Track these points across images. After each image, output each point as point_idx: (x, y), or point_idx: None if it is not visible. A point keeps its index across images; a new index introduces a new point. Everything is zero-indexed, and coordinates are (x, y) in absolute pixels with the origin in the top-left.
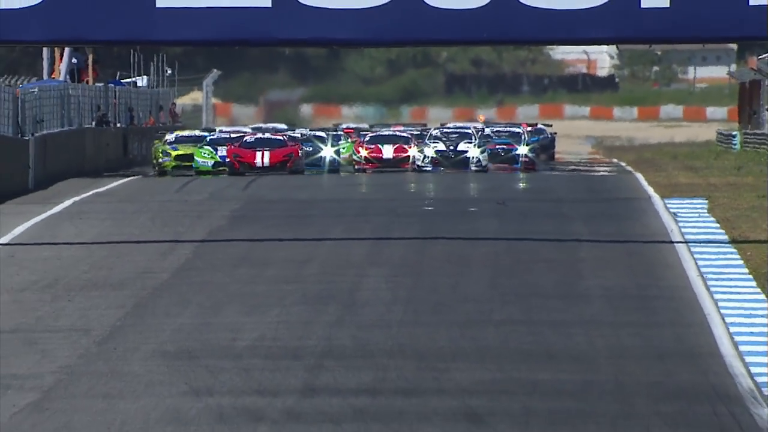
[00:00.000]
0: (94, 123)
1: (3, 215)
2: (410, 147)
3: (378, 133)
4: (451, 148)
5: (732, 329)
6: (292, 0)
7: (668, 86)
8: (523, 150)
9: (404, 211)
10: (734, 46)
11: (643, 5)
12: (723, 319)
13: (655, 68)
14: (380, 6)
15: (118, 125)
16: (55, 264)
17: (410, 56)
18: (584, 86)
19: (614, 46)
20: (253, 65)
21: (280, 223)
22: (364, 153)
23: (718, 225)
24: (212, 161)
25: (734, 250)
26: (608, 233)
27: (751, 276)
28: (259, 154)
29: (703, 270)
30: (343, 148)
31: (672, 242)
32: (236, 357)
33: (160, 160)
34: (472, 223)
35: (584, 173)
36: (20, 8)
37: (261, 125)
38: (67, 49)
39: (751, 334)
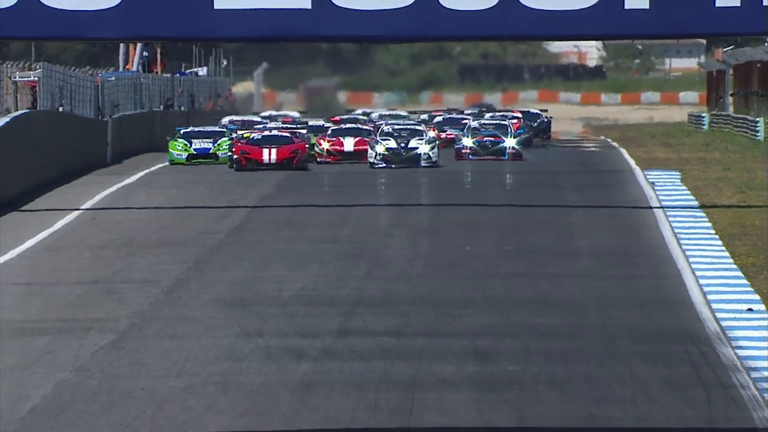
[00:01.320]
0: (162, 107)
1: (86, 185)
2: (371, 139)
3: (341, 126)
4: (402, 145)
5: (701, 281)
6: (329, 3)
7: (647, 75)
8: (510, 142)
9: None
10: (703, 41)
11: (626, 6)
12: (693, 273)
13: (636, 60)
14: (403, 7)
15: (182, 109)
16: (129, 226)
17: (429, 50)
18: (576, 75)
19: (601, 41)
20: (295, 58)
21: (318, 192)
22: (326, 146)
23: (689, 193)
24: (186, 153)
25: (703, 214)
26: (596, 200)
27: (717, 236)
28: (266, 151)
29: (676, 231)
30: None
31: (650, 207)
32: (282, 305)
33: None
34: (481, 193)
35: (576, 149)
36: (99, 10)
37: (272, 112)
38: (139, 45)
39: (718, 285)
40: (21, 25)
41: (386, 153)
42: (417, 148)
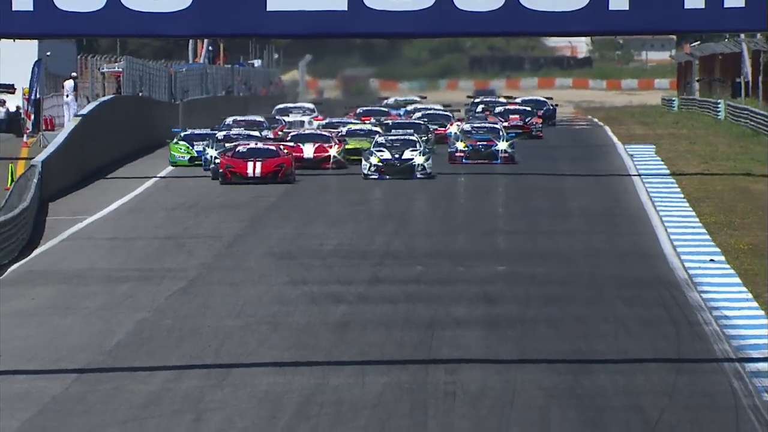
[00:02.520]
0: (224, 92)
1: (160, 157)
2: (331, 146)
3: (300, 132)
4: (396, 156)
5: (672, 236)
6: (362, 5)
7: (627, 65)
8: (502, 146)
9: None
10: (674, 37)
11: (610, 8)
12: (665, 229)
13: (618, 52)
14: (424, 9)
15: (240, 95)
16: (196, 191)
17: (445, 44)
18: (568, 65)
19: (589, 37)
20: (333, 51)
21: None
22: (284, 152)
23: (662, 163)
24: (188, 156)
25: (673, 181)
26: (585, 169)
27: (685, 199)
28: (251, 165)
29: (651, 194)
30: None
31: (630, 175)
32: (323, 257)
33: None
34: (489, 166)
35: (569, 127)
36: (173, 11)
37: (289, 105)
38: (205, 41)
39: (685, 240)
40: (108, 25)
41: (380, 164)
42: (412, 159)
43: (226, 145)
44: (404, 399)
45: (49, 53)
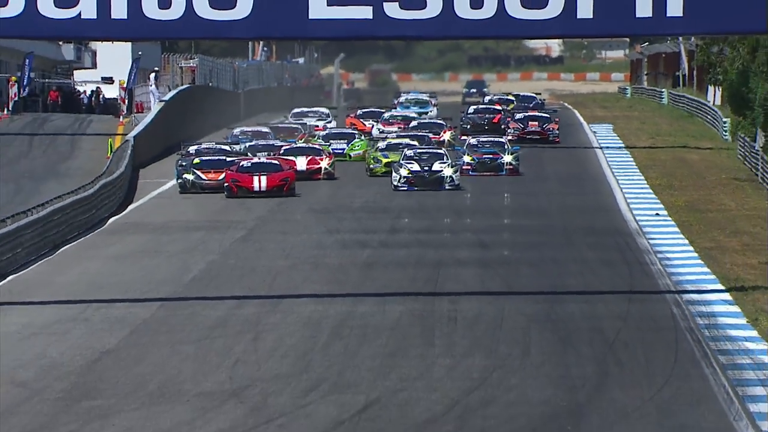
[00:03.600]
0: (276, 84)
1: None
2: (322, 159)
3: (292, 146)
4: (426, 168)
5: (626, 195)
6: (384, 13)
7: (590, 62)
8: (507, 158)
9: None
10: (627, 39)
11: (578, 17)
12: (621, 190)
13: (584, 51)
14: (432, 17)
15: (288, 85)
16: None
17: (448, 45)
18: (544, 62)
19: (561, 39)
20: (362, 49)
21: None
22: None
23: (618, 138)
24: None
25: (627, 152)
26: (558, 143)
27: (636, 167)
28: (256, 179)
29: (610, 163)
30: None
31: (593, 148)
32: (353, 212)
33: (372, 165)
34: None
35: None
36: (235, 19)
37: (304, 109)
38: (260, 42)
39: (636, 198)
40: (188, 30)
41: (410, 176)
42: (440, 171)
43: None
44: (416, 323)
45: (140, 53)
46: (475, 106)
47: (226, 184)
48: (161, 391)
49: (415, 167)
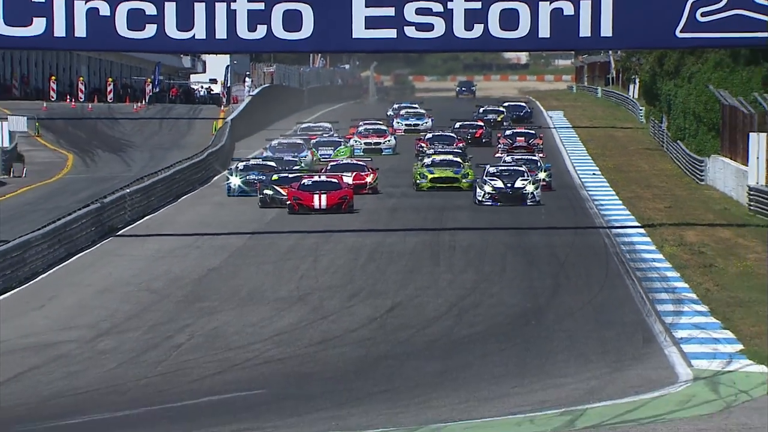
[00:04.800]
0: (329, 83)
1: (295, 120)
2: (367, 175)
3: (338, 163)
4: (509, 185)
5: (573, 161)
6: (404, 34)
7: (548, 67)
8: (541, 175)
9: None
10: (573, 52)
11: (539, 36)
12: (569, 157)
13: (542, 60)
14: (438, 37)
15: (338, 83)
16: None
17: (449, 55)
18: (516, 68)
19: (528, 51)
20: (388, 58)
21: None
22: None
23: (567, 121)
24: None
25: (573, 131)
26: (524, 126)
27: (580, 141)
28: (316, 197)
29: (561, 138)
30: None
31: (549, 128)
32: (381, 172)
33: (418, 181)
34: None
35: (511, 100)
36: (299, 39)
37: (311, 124)
38: (318, 54)
39: (579, 162)
40: (269, 46)
41: (494, 192)
42: (523, 187)
43: (276, 176)
44: (427, 250)
45: (235, 62)
46: (460, 122)
47: (288, 202)
48: (250, 297)
49: (499, 184)
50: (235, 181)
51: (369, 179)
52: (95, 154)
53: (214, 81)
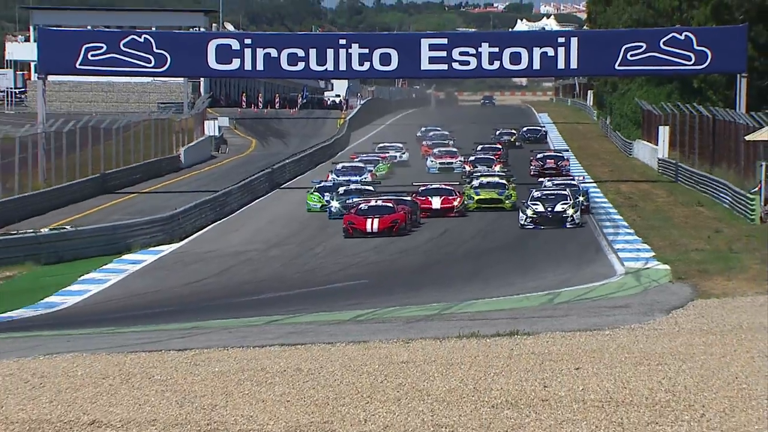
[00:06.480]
0: (406, 97)
1: (384, 117)
2: (455, 199)
3: (428, 186)
4: (549, 208)
5: (555, 147)
6: (452, 67)
7: (538, 87)
8: (581, 199)
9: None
10: (553, 77)
11: (534, 68)
12: (553, 145)
13: (535, 83)
14: (472, 69)
15: (413, 96)
16: (395, 129)
17: (478, 80)
18: (519, 87)
19: (527, 77)
20: (443, 82)
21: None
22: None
23: (551, 120)
24: (320, 204)
25: (554, 125)
26: (524, 122)
27: (559, 132)
28: (369, 222)
29: (548, 130)
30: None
31: (541, 125)
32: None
33: (466, 202)
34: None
35: (518, 108)
36: (388, 70)
37: (386, 144)
38: (401, 79)
39: (557, 143)
40: (370, 75)
41: (535, 216)
42: (563, 211)
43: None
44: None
45: (351, 83)
46: (482, 145)
47: (344, 226)
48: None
49: (540, 208)
50: (336, 204)
51: (456, 203)
52: (268, 140)
53: (338, 95)
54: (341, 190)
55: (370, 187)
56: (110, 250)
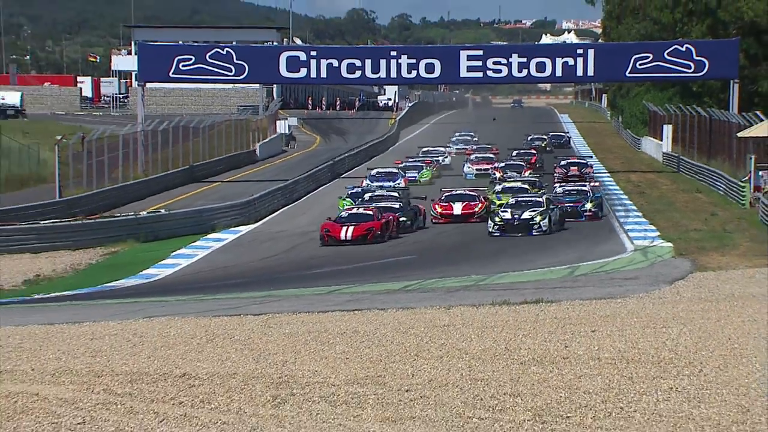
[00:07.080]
0: (448, 100)
1: (429, 116)
2: (476, 205)
3: (451, 192)
4: (515, 215)
5: (574, 143)
6: (487, 75)
7: (561, 91)
8: (588, 205)
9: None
10: (573, 83)
11: (557, 75)
12: (573, 141)
13: (558, 88)
14: (504, 76)
15: (453, 99)
16: (435, 128)
17: (510, 85)
18: (544, 91)
19: (550, 83)
20: (480, 87)
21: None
22: (438, 209)
23: (571, 120)
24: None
25: (573, 124)
26: (546, 120)
27: (576, 129)
28: (343, 229)
29: (568, 129)
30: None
31: (562, 122)
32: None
33: (491, 207)
34: (491, 124)
35: (543, 108)
36: (431, 77)
37: (430, 148)
38: (443, 84)
39: (577, 142)
40: (417, 81)
41: (501, 223)
42: (531, 218)
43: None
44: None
45: (400, 89)
46: (517, 150)
47: (320, 234)
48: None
49: (507, 215)
50: None
51: (477, 209)
52: (330, 137)
53: (389, 99)
54: (367, 196)
55: (395, 194)
56: (198, 230)
